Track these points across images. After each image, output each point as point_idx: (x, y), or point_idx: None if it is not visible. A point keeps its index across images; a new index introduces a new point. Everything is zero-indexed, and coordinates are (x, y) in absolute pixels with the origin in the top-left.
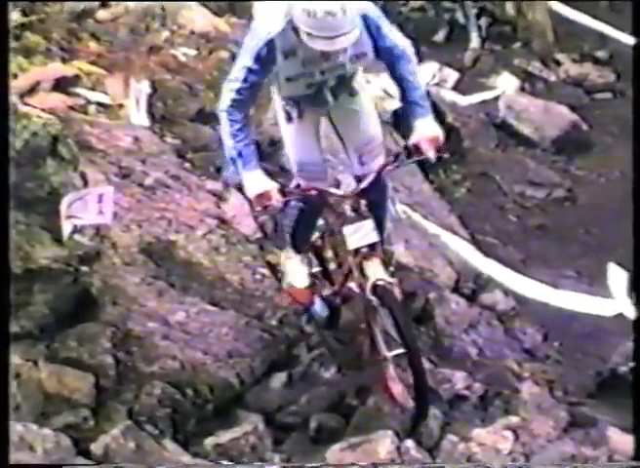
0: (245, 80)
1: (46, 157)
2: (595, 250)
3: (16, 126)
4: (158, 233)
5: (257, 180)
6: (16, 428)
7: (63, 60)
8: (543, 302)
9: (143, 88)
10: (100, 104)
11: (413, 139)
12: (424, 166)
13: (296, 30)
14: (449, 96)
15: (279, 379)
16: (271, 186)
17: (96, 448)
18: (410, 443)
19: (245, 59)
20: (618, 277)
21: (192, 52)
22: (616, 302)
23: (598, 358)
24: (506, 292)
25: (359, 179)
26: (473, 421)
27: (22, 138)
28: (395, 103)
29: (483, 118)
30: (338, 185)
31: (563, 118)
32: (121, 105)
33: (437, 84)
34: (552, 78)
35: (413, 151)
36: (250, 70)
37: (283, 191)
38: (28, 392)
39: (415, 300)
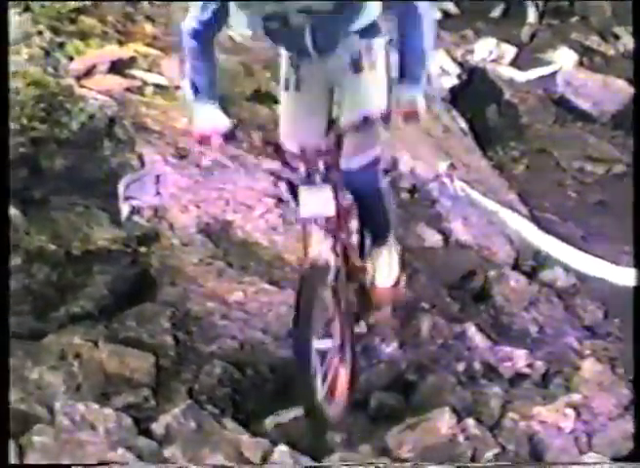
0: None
1: (103, 139)
2: None
3: (72, 108)
4: (216, 213)
5: (204, 116)
6: (77, 408)
7: (119, 43)
8: (604, 279)
9: None
10: (156, 86)
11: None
12: (482, 142)
13: None
14: (506, 72)
15: None
16: (213, 128)
17: (157, 427)
18: (470, 421)
19: None
20: None
21: (248, 32)
22: None
23: None
24: (566, 268)
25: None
26: (534, 399)
27: (79, 121)
28: (452, 80)
29: (541, 94)
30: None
31: (622, 92)
32: (177, 87)
33: (494, 60)
34: (611, 52)
35: (383, 118)
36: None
37: (227, 136)
38: (89, 372)
39: (473, 278)
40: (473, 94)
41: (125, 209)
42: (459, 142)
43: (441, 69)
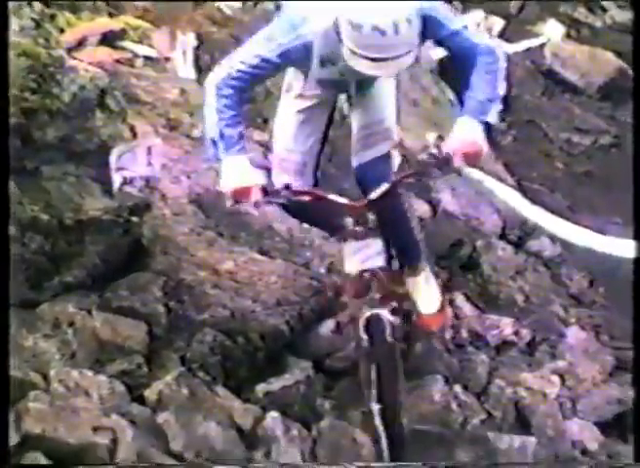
0: (254, 67)
1: (94, 110)
2: None
3: (63, 80)
4: (206, 184)
5: (237, 170)
6: (72, 375)
7: (110, 15)
8: (590, 248)
9: (190, 40)
10: (146, 58)
11: (447, 147)
12: None
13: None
14: (495, 44)
15: (328, 326)
16: (253, 182)
17: (149, 394)
18: (458, 387)
19: (265, 48)
20: None
21: (237, 4)
22: None
23: None
24: (553, 238)
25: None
26: (520, 366)
27: (71, 92)
28: (441, 52)
29: (529, 65)
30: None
31: (609, 64)
32: (167, 58)
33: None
34: (598, 24)
35: (442, 161)
36: (266, 61)
37: (266, 190)
38: (83, 340)
39: (461, 248)
40: (462, 65)
41: (117, 179)
42: (447, 114)
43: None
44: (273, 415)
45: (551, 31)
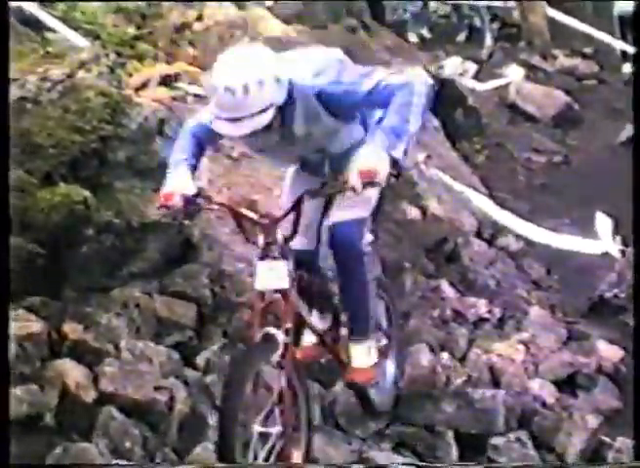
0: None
1: (155, 136)
2: (586, 202)
3: (131, 113)
4: (243, 194)
5: (173, 177)
6: (137, 345)
7: (168, 63)
8: (546, 244)
9: None
10: (196, 95)
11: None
12: (452, 138)
13: None
14: (470, 83)
15: None
16: (179, 189)
17: (199, 360)
18: (444, 354)
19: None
20: (603, 223)
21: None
22: (602, 243)
23: (589, 287)
24: (517, 236)
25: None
26: (493, 337)
27: (137, 122)
28: None
29: (497, 100)
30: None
31: (559, 100)
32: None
33: (460, 74)
34: (550, 69)
35: (341, 183)
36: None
37: (187, 199)
38: (146, 318)
39: (445, 244)
40: (444, 100)
41: None
42: (433, 138)
43: None
44: None
45: (514, 74)
